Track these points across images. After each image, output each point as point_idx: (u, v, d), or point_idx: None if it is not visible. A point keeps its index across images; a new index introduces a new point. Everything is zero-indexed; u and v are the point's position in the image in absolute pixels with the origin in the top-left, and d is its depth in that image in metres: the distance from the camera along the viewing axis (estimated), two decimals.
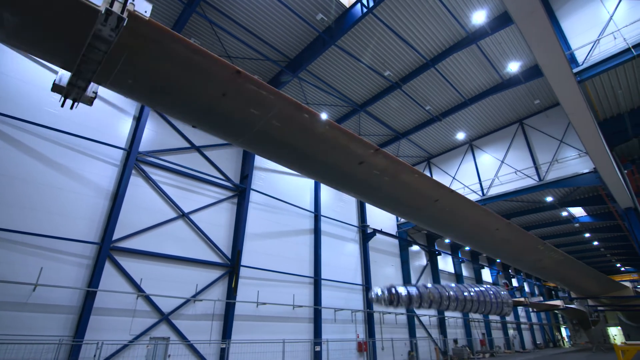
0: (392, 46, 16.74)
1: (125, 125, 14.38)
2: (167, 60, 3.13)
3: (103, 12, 2.40)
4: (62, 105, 3.11)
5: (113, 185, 13.20)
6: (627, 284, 25.64)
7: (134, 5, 2.59)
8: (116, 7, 2.45)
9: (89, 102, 3.32)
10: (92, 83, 3.17)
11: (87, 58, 2.70)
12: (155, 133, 15.27)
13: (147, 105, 3.81)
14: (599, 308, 32.90)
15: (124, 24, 2.49)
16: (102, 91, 13.81)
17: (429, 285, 17.83)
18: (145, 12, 2.67)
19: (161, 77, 3.33)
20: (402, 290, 14.87)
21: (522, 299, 31.46)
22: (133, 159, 13.66)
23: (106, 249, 12.01)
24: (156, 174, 14.74)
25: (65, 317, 10.84)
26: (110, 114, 14.00)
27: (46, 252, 10.98)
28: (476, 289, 19.40)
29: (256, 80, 3.69)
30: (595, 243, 35.61)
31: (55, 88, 2.92)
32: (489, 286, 20.59)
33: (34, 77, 12.18)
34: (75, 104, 3.21)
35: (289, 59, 17.08)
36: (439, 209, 6.72)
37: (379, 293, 14.01)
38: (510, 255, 10.86)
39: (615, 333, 47.74)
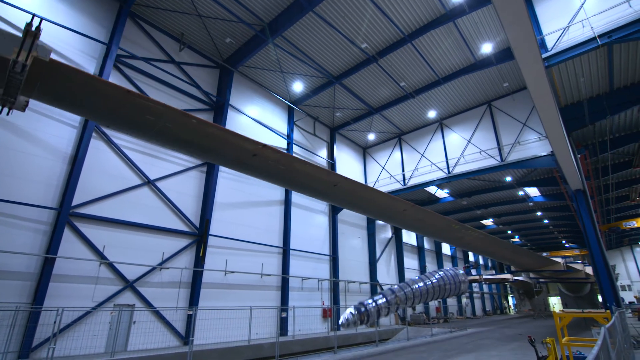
0: (370, 17, 16.39)
1: None
2: (72, 84, 4.28)
3: (11, 61, 3.48)
4: (0, 113, 4.19)
5: (72, 148, 12.40)
6: (559, 259, 28.59)
7: (37, 52, 3.60)
8: (23, 55, 3.48)
9: (22, 109, 4.39)
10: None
11: (10, 84, 3.86)
12: None
13: (72, 113, 5.11)
14: (541, 280, 36.37)
15: (29, 67, 3.64)
16: (60, 46, 12.63)
17: (395, 286, 18.83)
18: (47, 55, 3.72)
19: (70, 96, 4.53)
20: (370, 302, 15.67)
21: (476, 277, 34.47)
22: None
23: (65, 214, 11.45)
24: (119, 138, 13.96)
25: (22, 284, 10.39)
26: None
27: None
28: (437, 276, 20.75)
29: (144, 97, 4.75)
30: (546, 221, 38.46)
31: None
32: (447, 269, 22.02)
33: None
34: (11, 111, 4.36)
35: (265, 23, 16.32)
36: (341, 192, 7.59)
37: (348, 317, 14.60)
38: (430, 232, 11.70)
39: (555, 302, 52.97)
